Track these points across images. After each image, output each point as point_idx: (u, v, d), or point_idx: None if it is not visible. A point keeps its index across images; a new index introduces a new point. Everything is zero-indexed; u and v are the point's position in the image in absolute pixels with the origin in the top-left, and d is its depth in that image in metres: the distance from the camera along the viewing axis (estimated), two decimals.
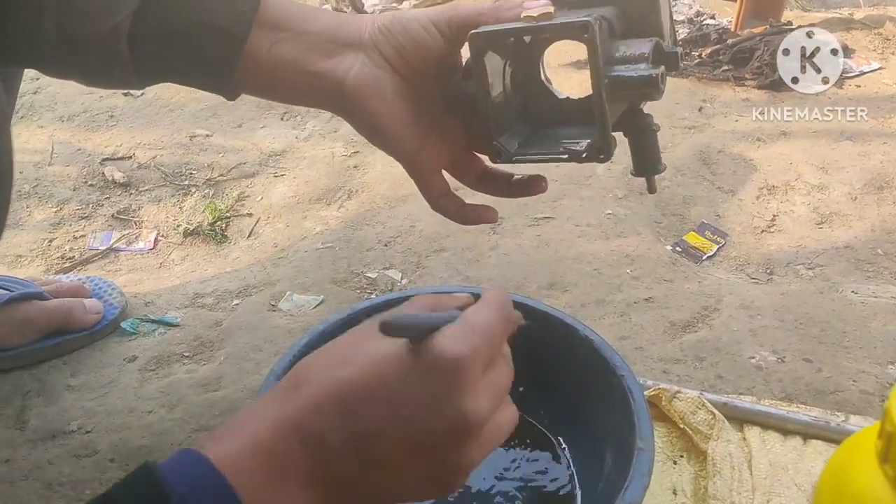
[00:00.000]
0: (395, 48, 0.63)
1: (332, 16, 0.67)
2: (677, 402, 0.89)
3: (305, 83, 0.65)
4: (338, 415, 0.46)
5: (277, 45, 0.64)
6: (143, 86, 0.69)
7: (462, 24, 0.62)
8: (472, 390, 0.46)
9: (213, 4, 0.63)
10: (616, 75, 0.59)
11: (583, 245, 1.27)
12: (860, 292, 1.18)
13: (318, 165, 1.54)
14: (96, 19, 0.62)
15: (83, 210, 1.42)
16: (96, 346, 1.07)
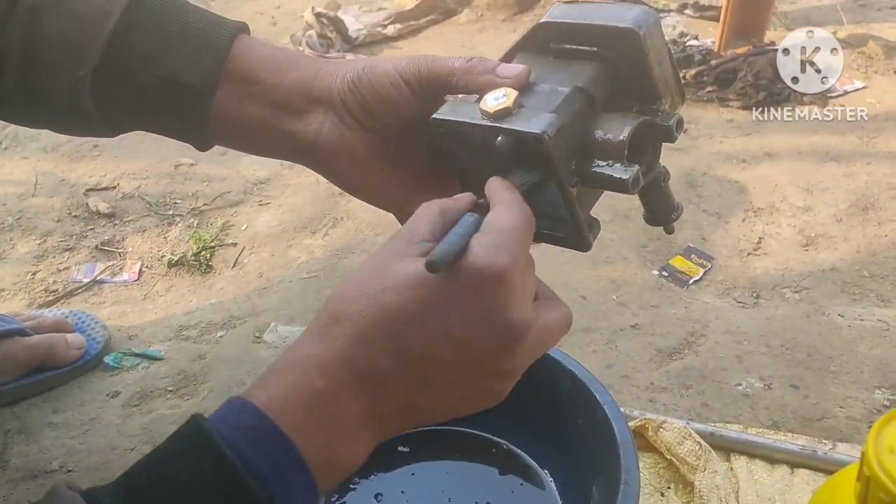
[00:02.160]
0: (363, 106, 0.60)
1: (305, 64, 0.64)
2: (664, 432, 0.88)
3: (276, 140, 0.63)
4: (387, 342, 0.45)
5: (248, 101, 0.62)
6: (116, 134, 0.68)
7: (433, 81, 0.59)
8: (516, 299, 0.46)
9: (176, 59, 0.62)
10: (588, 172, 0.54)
11: (569, 271, 1.27)
12: (846, 315, 1.18)
13: (302, 193, 1.54)
14: (58, 72, 0.61)
15: (67, 242, 1.41)
16: (78, 382, 1.07)
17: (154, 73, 0.61)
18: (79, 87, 0.61)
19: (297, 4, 2.56)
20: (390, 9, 2.46)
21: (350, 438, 0.46)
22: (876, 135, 1.71)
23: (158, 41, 0.62)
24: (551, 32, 0.58)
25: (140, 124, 0.67)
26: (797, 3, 2.66)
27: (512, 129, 0.52)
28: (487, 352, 0.46)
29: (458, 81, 0.58)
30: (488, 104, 0.53)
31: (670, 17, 2.41)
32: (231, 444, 0.42)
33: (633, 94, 0.56)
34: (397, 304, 0.46)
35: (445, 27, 2.41)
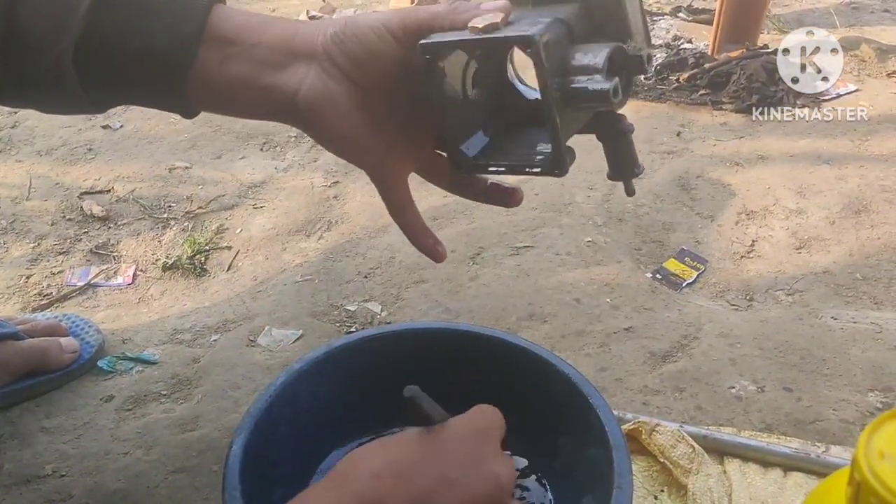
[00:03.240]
0: (349, 57, 0.61)
1: (285, 24, 0.65)
2: (657, 435, 0.89)
3: (258, 98, 0.64)
4: (394, 479, 0.52)
5: (228, 62, 0.63)
6: (102, 110, 0.68)
7: (417, 28, 0.59)
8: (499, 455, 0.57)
9: (154, 30, 0.62)
10: (567, 88, 0.56)
11: (563, 274, 1.27)
12: (839, 318, 1.18)
13: (297, 196, 1.54)
14: (41, 46, 0.61)
15: (61, 245, 1.41)
16: (72, 387, 1.06)
17: (132, 45, 0.62)
18: (61, 63, 0.61)
19: (293, 8, 2.57)
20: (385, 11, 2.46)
21: None
22: (868, 137, 1.72)
23: (138, 11, 0.62)
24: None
25: (123, 96, 0.67)
26: (790, 7, 2.67)
27: (503, 35, 0.55)
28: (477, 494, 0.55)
29: (442, 23, 0.59)
30: (476, 23, 0.56)
31: (664, 21, 2.42)
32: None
33: (607, 34, 0.59)
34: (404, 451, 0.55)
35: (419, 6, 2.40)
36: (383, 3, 2.63)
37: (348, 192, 1.55)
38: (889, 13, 2.63)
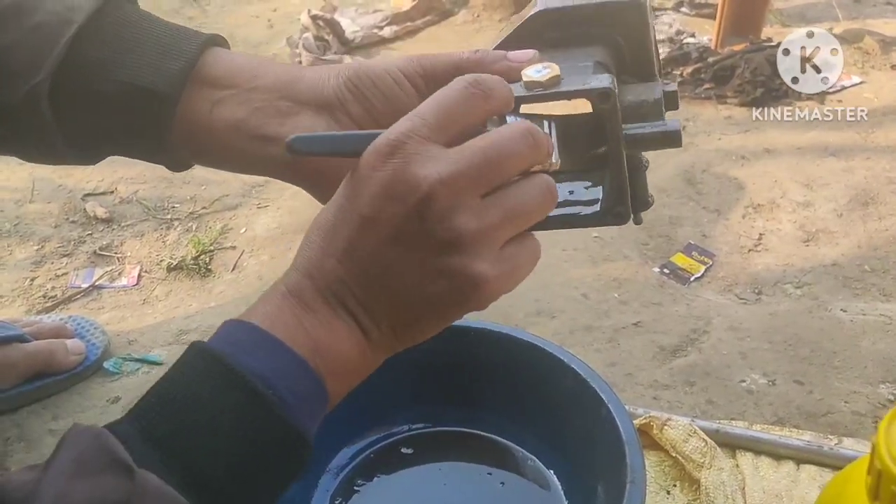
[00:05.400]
0: (364, 106, 0.56)
1: (286, 68, 0.59)
2: (668, 429, 0.88)
3: (256, 149, 0.58)
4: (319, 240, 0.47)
5: (221, 105, 0.58)
6: (84, 159, 0.64)
7: (439, 77, 0.55)
8: (415, 157, 0.44)
9: (140, 63, 0.57)
10: (633, 134, 0.53)
11: (570, 270, 1.26)
12: (849, 310, 1.17)
13: (301, 195, 1.51)
14: (16, 80, 0.58)
15: (65, 247, 1.40)
16: (78, 388, 1.06)
17: (114, 79, 0.57)
18: (36, 96, 0.58)
19: (294, 7, 2.56)
20: (386, 10, 2.46)
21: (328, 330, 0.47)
22: (874, 129, 1.71)
23: (120, 47, 0.58)
24: (548, 20, 0.57)
25: (104, 140, 0.63)
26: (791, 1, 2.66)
27: (575, 89, 0.51)
28: (402, 222, 0.44)
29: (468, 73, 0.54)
30: (534, 76, 0.52)
31: (667, 16, 2.41)
32: (231, 355, 0.45)
33: (632, 71, 0.57)
34: (330, 205, 0.47)
35: (442, 28, 2.40)
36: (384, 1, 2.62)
37: None
38: (891, 5, 2.61)
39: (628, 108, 0.53)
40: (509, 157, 0.46)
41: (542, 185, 0.48)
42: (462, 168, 0.44)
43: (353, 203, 0.45)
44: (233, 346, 0.46)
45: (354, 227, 0.45)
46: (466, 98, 0.46)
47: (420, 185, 0.43)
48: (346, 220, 0.46)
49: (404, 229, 0.45)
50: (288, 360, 0.46)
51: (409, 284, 0.46)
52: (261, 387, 0.44)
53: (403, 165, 0.44)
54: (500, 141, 0.45)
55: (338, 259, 0.46)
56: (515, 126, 0.47)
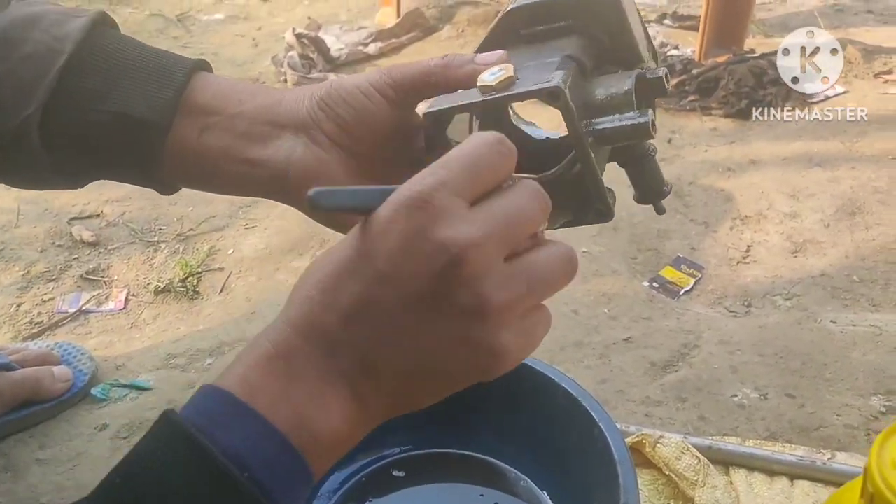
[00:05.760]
0: (338, 123, 0.57)
1: (269, 92, 0.60)
2: (661, 447, 0.88)
3: (243, 173, 0.59)
4: (321, 296, 0.42)
5: (208, 132, 0.59)
6: (71, 184, 0.64)
7: (409, 87, 0.56)
8: (446, 218, 0.41)
9: (131, 93, 0.58)
10: (601, 129, 0.52)
11: None
12: (838, 321, 1.18)
13: (289, 215, 1.52)
14: (6, 113, 0.58)
15: (51, 272, 1.39)
16: (66, 416, 1.05)
17: (105, 109, 0.58)
18: (26, 127, 0.58)
19: (278, 26, 2.56)
20: (371, 27, 2.46)
21: (318, 401, 0.43)
22: (858, 139, 1.72)
23: (110, 77, 0.59)
24: (522, 17, 0.57)
25: (94, 169, 0.63)
26: (774, 11, 2.68)
27: (525, 91, 0.50)
28: (427, 285, 0.41)
29: (436, 79, 0.55)
30: (488, 80, 0.51)
31: (650, 28, 2.42)
32: (202, 430, 0.40)
33: (615, 60, 0.55)
34: (332, 260, 0.43)
35: (427, 44, 2.40)
36: (369, 18, 2.62)
37: None
38: (872, 14, 2.63)
39: (598, 102, 0.52)
40: (529, 220, 0.43)
41: (566, 255, 0.45)
42: (492, 231, 0.41)
43: (367, 257, 0.42)
44: (206, 418, 0.41)
45: (367, 283, 0.42)
46: (494, 155, 0.43)
47: (449, 247, 0.40)
48: (356, 275, 0.42)
49: (426, 291, 0.41)
50: (267, 437, 0.41)
51: (422, 351, 0.43)
52: (234, 469, 0.39)
53: (430, 222, 0.40)
54: (521, 202, 0.43)
55: (341, 318, 0.42)
56: (529, 186, 0.44)
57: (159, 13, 2.69)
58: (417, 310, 0.42)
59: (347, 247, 0.43)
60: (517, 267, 0.43)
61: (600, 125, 0.52)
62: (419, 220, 0.40)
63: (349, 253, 0.42)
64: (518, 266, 0.43)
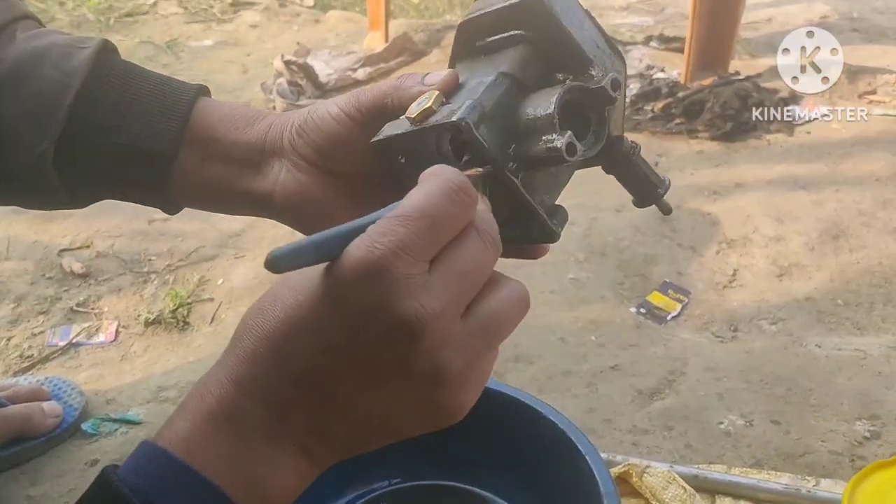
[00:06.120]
0: (314, 148, 0.59)
1: (261, 121, 0.63)
2: (648, 477, 0.88)
3: (237, 198, 0.63)
4: (271, 357, 0.41)
5: (208, 162, 0.62)
6: (83, 205, 0.67)
7: (371, 109, 0.57)
8: (400, 287, 0.39)
9: (136, 126, 0.61)
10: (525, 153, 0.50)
11: (547, 313, 1.27)
12: (824, 345, 1.19)
13: (278, 244, 1.53)
14: (21, 149, 0.61)
15: (41, 305, 1.40)
16: (56, 452, 1.05)
17: (115, 142, 0.61)
18: (41, 162, 0.61)
19: (267, 51, 2.58)
20: (360, 52, 2.48)
21: (267, 463, 0.42)
22: (843, 161, 1.74)
23: (118, 110, 0.62)
24: (471, 31, 0.56)
25: (105, 193, 0.67)
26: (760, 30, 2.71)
27: (434, 125, 0.50)
28: (383, 355, 0.40)
29: (391, 101, 0.57)
30: (412, 111, 0.52)
31: (637, 50, 2.44)
32: (142, 493, 0.39)
33: (565, 67, 0.52)
34: (280, 316, 0.41)
35: (415, 68, 2.42)
36: (357, 42, 2.64)
37: None
38: (858, 32, 2.67)
39: (525, 123, 0.51)
40: (484, 269, 0.43)
41: (519, 295, 0.44)
42: (451, 296, 0.40)
43: (323, 323, 0.40)
44: (147, 481, 0.40)
45: (321, 350, 0.40)
46: (455, 207, 0.41)
47: (409, 321, 0.39)
48: (309, 340, 0.41)
49: (383, 361, 0.40)
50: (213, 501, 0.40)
51: (378, 413, 0.42)
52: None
53: (389, 293, 0.39)
54: (475, 253, 0.42)
55: (292, 382, 0.41)
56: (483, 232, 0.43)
57: (149, 40, 2.71)
58: (374, 378, 0.41)
59: (300, 306, 0.41)
60: (475, 325, 0.42)
61: (523, 148, 0.50)
62: (378, 290, 0.39)
63: (302, 314, 0.41)
64: (475, 323, 0.42)
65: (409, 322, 0.39)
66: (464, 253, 0.42)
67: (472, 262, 0.42)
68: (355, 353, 0.40)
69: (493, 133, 0.49)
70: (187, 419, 0.41)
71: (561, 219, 0.55)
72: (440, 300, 0.40)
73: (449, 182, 0.41)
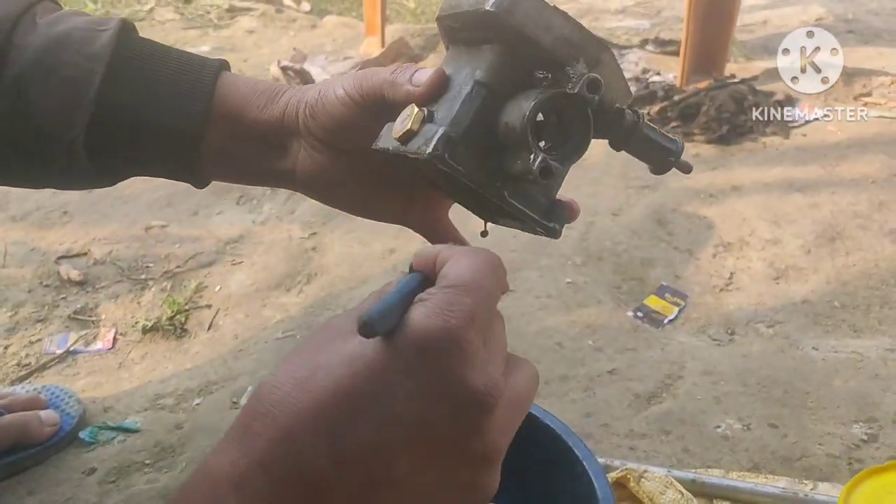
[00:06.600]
0: (325, 129, 0.61)
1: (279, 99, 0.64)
2: (645, 482, 0.88)
3: (264, 176, 0.66)
4: (316, 436, 0.36)
5: (235, 139, 0.64)
6: (114, 183, 0.69)
7: (373, 95, 0.58)
8: (477, 362, 0.37)
9: (164, 107, 0.63)
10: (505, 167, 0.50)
11: (544, 318, 1.27)
12: (820, 348, 1.19)
13: (275, 250, 1.53)
14: (52, 138, 0.62)
15: (39, 312, 1.40)
16: (54, 461, 1.05)
17: (144, 124, 0.63)
18: (74, 148, 0.62)
19: (264, 57, 2.58)
20: (356, 57, 2.49)
21: None
22: (838, 163, 1.74)
23: (144, 91, 0.63)
24: (449, 25, 0.55)
25: (135, 171, 0.69)
26: (755, 33, 2.72)
27: (403, 151, 0.51)
28: (448, 432, 0.37)
29: (388, 94, 0.58)
30: (396, 128, 0.52)
31: (632, 53, 2.45)
32: None
33: (542, 65, 0.50)
34: (329, 387, 0.37)
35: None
36: (354, 47, 2.65)
37: (326, 242, 1.55)
38: (853, 34, 2.67)
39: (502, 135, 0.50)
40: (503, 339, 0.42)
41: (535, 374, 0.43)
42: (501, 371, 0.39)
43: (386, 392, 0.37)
44: None
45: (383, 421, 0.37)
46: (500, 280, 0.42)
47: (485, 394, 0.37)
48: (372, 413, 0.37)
49: (447, 437, 0.37)
50: None
51: (422, 495, 0.39)
52: None
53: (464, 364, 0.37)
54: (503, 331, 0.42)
55: (337, 461, 0.37)
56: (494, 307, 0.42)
57: None
58: (430, 456, 0.38)
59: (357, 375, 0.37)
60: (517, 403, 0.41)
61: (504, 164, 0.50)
62: (454, 361, 0.37)
63: (361, 385, 0.37)
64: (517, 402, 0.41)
65: (483, 395, 0.37)
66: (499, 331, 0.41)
67: (504, 339, 0.42)
68: (421, 427, 0.37)
69: (472, 153, 0.49)
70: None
71: (559, 217, 0.54)
72: (500, 376, 0.39)
73: (491, 256, 0.42)
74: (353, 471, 0.37)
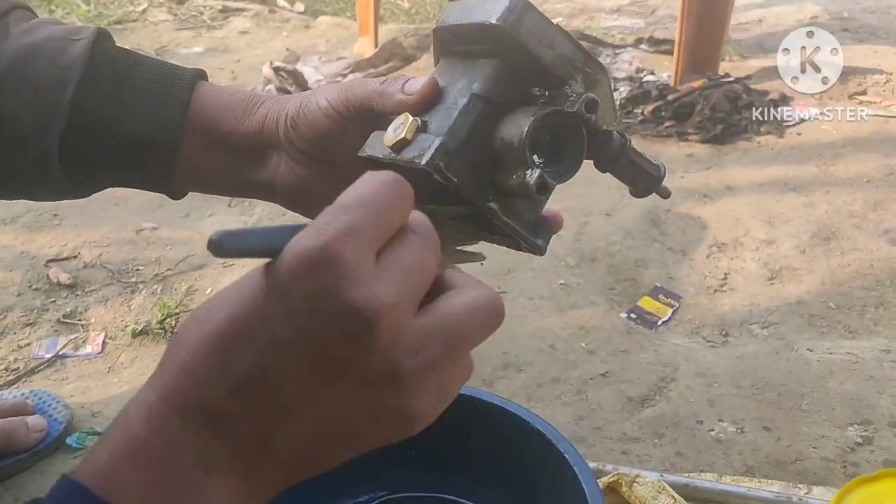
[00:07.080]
0: (307, 140, 0.60)
1: (257, 110, 0.63)
2: (637, 487, 0.87)
3: (241, 188, 0.65)
4: (208, 364, 0.37)
5: (210, 151, 0.63)
6: (88, 195, 0.68)
7: (359, 106, 0.58)
8: (352, 276, 0.35)
9: (138, 117, 0.62)
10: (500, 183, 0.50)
11: (537, 320, 1.26)
12: (815, 350, 1.18)
13: None
14: (25, 147, 0.61)
15: (28, 316, 1.38)
16: (41, 467, 1.04)
17: (118, 134, 0.62)
18: (47, 159, 0.62)
19: (257, 58, 2.57)
20: (349, 57, 2.47)
21: (200, 493, 0.37)
22: (833, 162, 1.73)
23: (118, 100, 0.62)
24: (446, 37, 0.55)
25: (109, 182, 0.68)
26: (750, 31, 2.70)
27: (406, 164, 0.50)
28: (335, 350, 0.36)
29: (376, 105, 0.57)
30: (388, 136, 0.52)
31: (626, 53, 2.44)
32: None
33: (540, 81, 0.51)
34: (222, 320, 0.37)
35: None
36: (347, 48, 2.64)
37: None
38: (848, 32, 2.66)
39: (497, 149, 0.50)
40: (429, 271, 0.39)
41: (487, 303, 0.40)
42: (403, 289, 0.37)
43: (263, 319, 0.36)
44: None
45: (263, 349, 0.36)
46: (396, 198, 0.39)
47: (363, 310, 0.35)
48: (248, 340, 0.37)
49: (334, 355, 0.36)
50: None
51: (329, 420, 0.38)
52: None
53: (339, 281, 0.35)
54: (418, 254, 0.39)
55: (231, 390, 0.37)
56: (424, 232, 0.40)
57: (139, 48, 2.70)
58: (322, 378, 0.37)
59: (242, 306, 0.37)
60: (429, 325, 0.38)
61: (498, 178, 0.50)
62: (327, 277, 0.35)
63: (243, 313, 0.37)
64: (430, 324, 0.38)
65: (363, 310, 0.35)
66: (406, 249, 0.39)
67: (417, 258, 0.39)
68: (303, 348, 0.36)
69: (466, 165, 0.49)
70: (109, 448, 0.37)
71: (544, 233, 0.55)
72: (394, 290, 0.37)
73: (387, 175, 0.40)
74: (250, 398, 0.37)
